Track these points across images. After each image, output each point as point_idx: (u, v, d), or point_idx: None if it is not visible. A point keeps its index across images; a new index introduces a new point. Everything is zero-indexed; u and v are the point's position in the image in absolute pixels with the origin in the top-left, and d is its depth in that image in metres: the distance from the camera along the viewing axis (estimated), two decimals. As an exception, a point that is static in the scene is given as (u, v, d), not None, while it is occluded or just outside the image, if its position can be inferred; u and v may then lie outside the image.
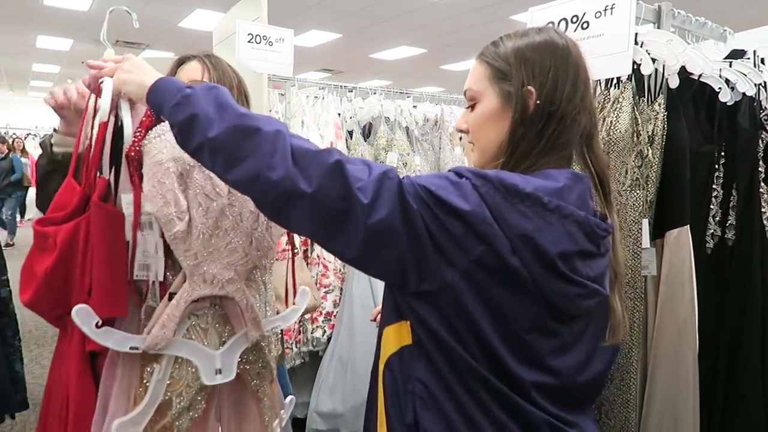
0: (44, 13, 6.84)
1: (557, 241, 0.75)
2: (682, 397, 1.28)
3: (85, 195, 0.93)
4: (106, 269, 0.90)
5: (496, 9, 6.29)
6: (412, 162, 2.43)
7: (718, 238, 1.38)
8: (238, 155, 0.73)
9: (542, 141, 0.82)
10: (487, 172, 0.76)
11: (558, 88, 0.82)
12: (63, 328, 0.98)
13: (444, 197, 0.72)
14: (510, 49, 0.86)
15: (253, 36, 2.19)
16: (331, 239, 0.75)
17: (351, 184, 0.70)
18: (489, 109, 0.86)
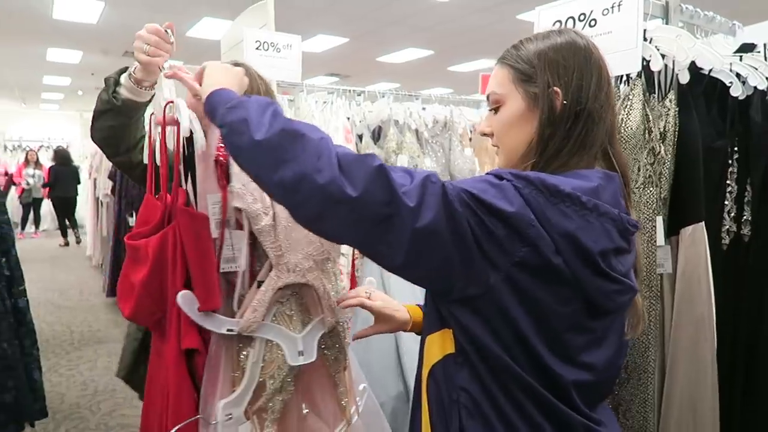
0: (54, 26, 6.94)
1: (597, 240, 0.77)
2: (701, 396, 1.26)
3: (166, 208, 1.03)
4: (198, 268, 0.99)
5: (502, 8, 6.28)
6: (422, 164, 2.43)
7: (734, 234, 1.37)
8: (285, 157, 0.73)
9: (571, 141, 0.83)
10: (527, 173, 0.76)
11: (583, 88, 0.83)
12: (161, 330, 1.06)
13: (487, 200, 0.72)
14: (533, 52, 0.86)
15: (261, 43, 2.21)
16: (373, 245, 0.74)
17: (396, 189, 0.70)
18: (514, 112, 0.87)
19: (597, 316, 0.80)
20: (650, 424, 1.27)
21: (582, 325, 0.79)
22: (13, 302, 2.04)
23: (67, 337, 4.15)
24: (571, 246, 0.74)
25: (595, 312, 0.80)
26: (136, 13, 6.45)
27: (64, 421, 2.83)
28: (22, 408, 1.99)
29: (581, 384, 0.79)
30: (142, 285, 1.00)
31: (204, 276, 0.99)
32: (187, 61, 1.38)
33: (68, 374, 3.44)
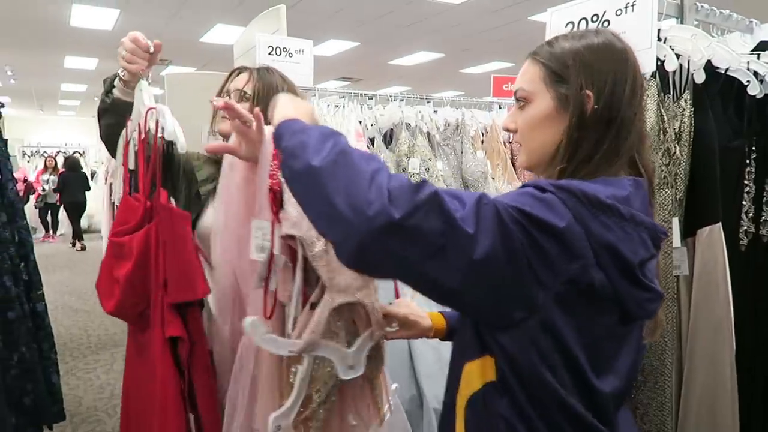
0: (71, 34, 7.06)
1: (636, 250, 0.76)
2: (720, 400, 1.24)
3: (146, 206, 1.08)
4: (178, 260, 1.06)
5: (513, 10, 6.26)
6: (434, 167, 2.43)
7: (752, 235, 1.35)
8: (335, 186, 0.70)
9: (603, 148, 0.80)
10: (569, 184, 0.74)
11: (617, 93, 0.80)
12: (142, 323, 1.12)
13: (539, 215, 0.70)
14: (567, 51, 0.83)
15: (273, 48, 2.22)
16: (422, 276, 0.70)
17: (453, 216, 0.67)
18: (542, 111, 0.85)
19: (627, 323, 0.79)
20: (668, 428, 1.25)
21: (614, 333, 0.79)
22: (32, 306, 2.07)
23: (84, 340, 4.20)
24: (612, 258, 0.73)
25: (627, 320, 0.79)
26: (151, 20, 6.53)
27: (81, 424, 2.86)
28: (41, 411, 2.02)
29: (615, 393, 0.78)
30: (126, 279, 1.06)
31: (184, 267, 1.06)
32: (202, 66, 1.41)
33: (85, 377, 3.48)
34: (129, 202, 1.12)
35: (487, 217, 0.68)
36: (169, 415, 1.04)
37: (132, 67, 1.17)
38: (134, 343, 1.15)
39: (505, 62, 8.95)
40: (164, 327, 1.05)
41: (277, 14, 2.33)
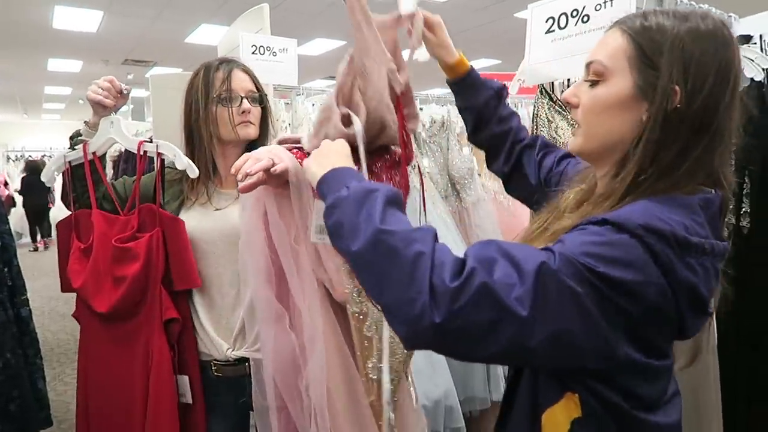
0: (54, 36, 6.98)
1: (710, 286, 0.70)
2: (703, 392, 1.26)
3: (138, 218, 1.31)
4: (179, 259, 1.29)
5: (499, 7, 6.28)
6: (420, 164, 2.43)
7: (733, 227, 1.36)
8: (377, 280, 0.67)
9: (689, 159, 0.70)
10: (659, 225, 0.65)
11: (715, 95, 0.69)
12: (130, 314, 1.31)
13: (613, 276, 0.62)
14: (666, 32, 0.71)
15: (257, 47, 2.21)
16: (482, 358, 0.67)
17: (504, 304, 0.61)
18: (617, 94, 0.73)
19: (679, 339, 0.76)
20: None
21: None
22: (16, 312, 2.04)
23: (71, 345, 4.16)
24: (690, 299, 0.68)
25: (683, 338, 0.75)
26: (135, 21, 6.48)
27: (69, 430, 2.84)
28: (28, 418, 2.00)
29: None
30: (134, 277, 1.26)
31: (185, 262, 1.29)
32: (187, 67, 1.40)
33: (73, 383, 3.44)
34: (106, 216, 1.34)
35: (550, 293, 0.61)
36: (162, 379, 1.28)
37: (107, 102, 1.34)
38: (104, 336, 1.35)
39: (492, 59, 8.98)
40: (162, 312, 1.28)
41: (261, 13, 2.32)
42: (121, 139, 1.36)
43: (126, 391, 1.32)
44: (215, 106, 1.30)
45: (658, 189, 0.71)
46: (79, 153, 1.37)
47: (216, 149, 1.34)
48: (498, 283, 0.61)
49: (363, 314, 1.01)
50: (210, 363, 1.34)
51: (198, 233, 1.33)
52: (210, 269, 1.33)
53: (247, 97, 1.32)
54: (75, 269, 1.34)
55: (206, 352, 1.35)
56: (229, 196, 1.35)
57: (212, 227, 1.33)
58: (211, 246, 1.33)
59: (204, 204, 1.35)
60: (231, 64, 1.34)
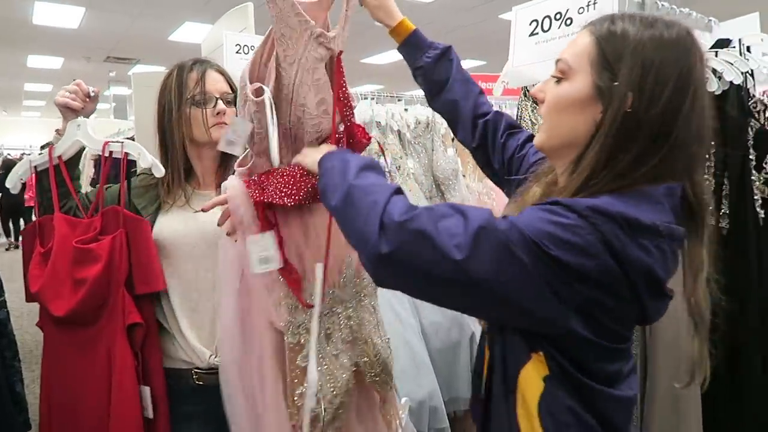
0: (34, 32, 6.86)
1: (668, 268, 0.72)
2: (683, 390, 1.27)
3: (102, 222, 1.28)
4: (143, 260, 1.25)
5: (484, 9, 6.32)
6: (405, 165, 2.43)
7: (712, 228, 1.38)
8: (348, 226, 0.78)
9: (645, 167, 0.71)
10: (607, 206, 0.67)
11: (672, 108, 0.70)
12: (91, 318, 1.27)
13: (560, 257, 0.66)
14: (630, 37, 0.72)
15: (241, 47, 2.19)
16: (434, 299, 0.74)
17: (441, 248, 0.67)
18: (577, 94, 0.75)
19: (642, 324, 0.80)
20: (634, 419, 1.28)
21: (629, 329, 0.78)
22: (-7, 313, 2.00)
23: (52, 347, 4.09)
24: (646, 280, 0.69)
25: (643, 323, 0.78)
26: (117, 18, 6.40)
27: (49, 432, 2.79)
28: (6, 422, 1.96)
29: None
30: (95, 279, 1.22)
31: (149, 265, 1.26)
32: (170, 65, 1.38)
33: (53, 385, 3.39)
34: (68, 220, 1.31)
35: (486, 248, 0.67)
36: (125, 388, 1.23)
37: (74, 105, 1.32)
38: (66, 342, 1.31)
39: (477, 60, 9.03)
40: (125, 316, 1.24)
41: (245, 12, 2.31)
42: (87, 141, 1.34)
43: (88, 400, 1.28)
44: (189, 108, 1.28)
45: (612, 188, 0.72)
46: (45, 157, 1.35)
47: (191, 151, 1.33)
48: (442, 228, 0.68)
49: (299, 345, 1.05)
50: (191, 371, 1.30)
51: (178, 236, 1.30)
52: (191, 273, 1.31)
53: (221, 98, 1.30)
54: (34, 274, 1.30)
55: (187, 359, 1.30)
56: (208, 197, 1.33)
57: (192, 229, 1.31)
58: (192, 248, 1.30)
59: (182, 206, 1.33)
60: (205, 64, 1.32)
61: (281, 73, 0.98)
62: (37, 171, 1.37)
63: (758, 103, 1.45)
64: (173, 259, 1.31)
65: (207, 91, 1.28)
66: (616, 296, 0.69)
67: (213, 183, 1.37)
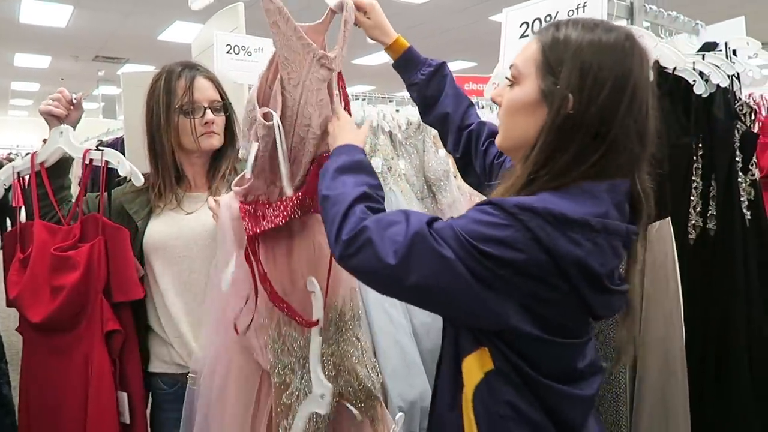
0: (21, 31, 6.79)
1: (605, 262, 0.75)
2: (671, 389, 1.29)
3: (81, 228, 1.28)
4: (120, 267, 1.26)
5: (475, 11, 6.34)
6: (396, 166, 2.43)
7: (700, 229, 1.40)
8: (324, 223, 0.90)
9: (585, 165, 0.75)
10: (533, 203, 0.72)
11: (609, 108, 0.74)
12: (76, 321, 1.27)
13: (490, 252, 0.71)
14: (570, 42, 0.77)
15: (232, 47, 2.18)
16: (386, 294, 0.83)
17: (381, 254, 0.76)
18: (525, 97, 0.80)
19: (595, 319, 0.85)
20: (623, 418, 1.29)
21: (585, 329, 0.83)
22: (-20, 315, 1.98)
23: (39, 349, 4.04)
24: (579, 272, 0.73)
25: (595, 318, 0.84)
26: (106, 16, 6.35)
27: (36, 435, 2.76)
28: (-8, 424, 1.94)
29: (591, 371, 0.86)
30: (73, 287, 1.23)
31: (126, 274, 1.27)
32: (160, 65, 1.38)
33: (41, 387, 3.35)
34: (48, 226, 1.31)
35: (421, 251, 0.74)
36: (103, 393, 1.24)
37: (56, 111, 1.33)
38: (44, 348, 1.31)
39: (469, 62, 9.06)
40: (103, 323, 1.25)
41: (236, 12, 2.30)
42: (68, 148, 1.35)
43: (66, 405, 1.28)
44: (177, 117, 1.28)
45: (554, 185, 0.76)
46: (26, 163, 1.36)
47: (180, 156, 1.33)
48: (387, 236, 0.76)
49: (285, 385, 1.12)
50: (186, 376, 1.27)
51: (171, 238, 1.30)
52: (185, 274, 1.30)
53: (210, 107, 1.29)
54: (13, 280, 1.30)
55: (183, 363, 1.30)
56: (199, 199, 1.33)
57: (185, 231, 1.30)
58: (185, 250, 1.30)
59: (174, 209, 1.33)
60: (193, 70, 1.31)
61: (286, 96, 1.01)
62: (20, 176, 1.38)
63: (744, 106, 1.46)
64: (167, 261, 1.30)
65: (195, 101, 1.27)
66: (551, 287, 0.73)
67: (204, 185, 1.37)
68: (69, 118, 1.37)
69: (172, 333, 1.30)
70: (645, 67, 0.79)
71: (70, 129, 1.35)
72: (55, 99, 1.35)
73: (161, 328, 1.32)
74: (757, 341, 1.39)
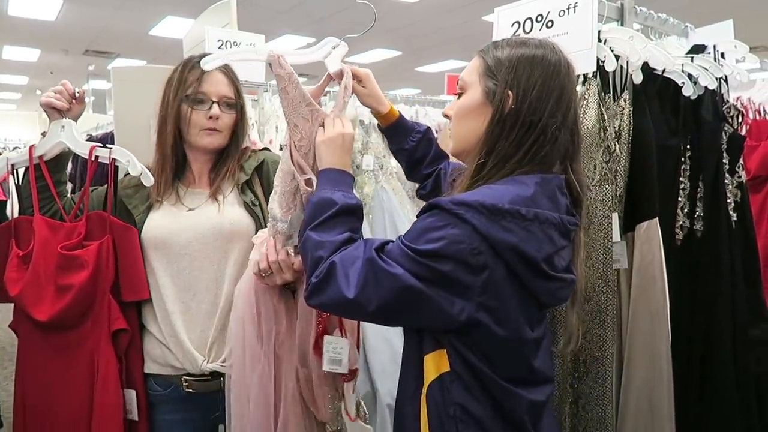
0: (9, 23, 6.71)
1: (540, 247, 0.83)
2: (656, 388, 1.30)
3: (87, 226, 1.27)
4: (130, 267, 1.26)
5: (468, 10, 6.35)
6: (388, 164, 2.43)
7: (687, 230, 1.41)
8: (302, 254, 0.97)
9: (520, 152, 0.86)
10: (466, 198, 0.81)
11: (541, 100, 0.86)
12: (82, 320, 1.27)
13: (432, 248, 0.79)
14: (507, 53, 0.91)
15: (223, 42, 2.18)
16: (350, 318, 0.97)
17: (341, 289, 0.83)
18: (471, 102, 0.92)
19: (542, 309, 0.91)
20: (609, 417, 1.30)
21: (534, 317, 0.89)
22: (-35, 310, 1.96)
23: (25, 345, 4.02)
24: (516, 257, 0.81)
25: (542, 307, 0.89)
26: (97, 11, 6.29)
27: None
28: (-24, 420, 1.92)
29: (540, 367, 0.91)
30: (82, 286, 1.22)
31: (135, 273, 1.26)
32: (152, 60, 1.37)
33: (27, 383, 3.33)
34: (49, 223, 1.29)
35: (373, 277, 0.81)
36: (109, 391, 1.24)
37: (58, 104, 1.31)
38: (45, 346, 1.30)
39: (461, 61, 9.07)
40: (111, 322, 1.25)
41: (227, 7, 2.29)
42: (72, 144, 1.32)
43: (67, 402, 1.27)
44: (183, 106, 1.25)
45: (498, 176, 0.87)
46: (23, 156, 1.32)
47: (187, 151, 1.31)
48: (348, 273, 0.83)
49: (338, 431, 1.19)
50: (181, 378, 1.27)
51: (171, 234, 1.26)
52: (185, 271, 1.27)
53: (219, 102, 1.26)
54: (12, 277, 1.27)
55: (178, 365, 1.27)
56: (202, 195, 1.30)
57: (186, 228, 1.27)
58: (185, 248, 1.26)
59: (175, 204, 1.29)
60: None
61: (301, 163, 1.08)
62: (15, 170, 1.35)
63: (731, 109, 1.48)
64: (166, 257, 1.27)
65: (204, 92, 1.25)
66: (493, 274, 0.80)
67: (207, 182, 1.34)
68: (71, 111, 1.34)
69: (168, 333, 1.27)
70: (571, 72, 0.92)
71: (73, 124, 1.33)
72: (57, 92, 1.33)
73: (157, 328, 1.28)
74: (742, 342, 1.40)
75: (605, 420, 1.30)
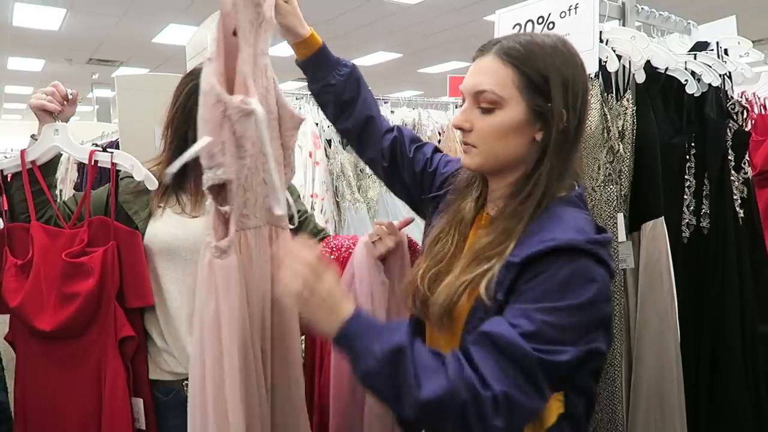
0: (14, 34, 6.76)
1: None
2: (667, 387, 1.29)
3: (89, 233, 1.24)
4: (134, 274, 1.24)
5: (470, 10, 6.34)
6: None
7: (694, 227, 1.41)
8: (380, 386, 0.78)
9: (564, 164, 0.84)
10: (595, 236, 0.79)
11: (584, 113, 0.85)
12: (88, 328, 1.24)
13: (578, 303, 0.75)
14: (548, 63, 0.81)
15: (226, 49, 2.18)
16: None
17: (532, 406, 0.74)
18: (513, 121, 0.82)
19: None
20: (619, 417, 1.29)
21: None
22: (-25, 321, 1.97)
23: (35, 353, 4.02)
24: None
25: None
26: (100, 20, 6.33)
27: (33, 440, 2.74)
28: (-12, 430, 1.93)
29: None
30: (88, 294, 1.20)
31: (140, 279, 1.24)
32: (155, 68, 1.37)
33: (37, 392, 3.33)
34: (47, 230, 1.26)
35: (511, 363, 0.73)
36: (117, 400, 1.22)
37: (50, 107, 1.26)
38: (47, 356, 1.27)
39: (463, 62, 9.06)
40: (117, 329, 1.23)
41: (230, 15, 2.29)
42: (68, 148, 1.27)
43: (72, 412, 1.24)
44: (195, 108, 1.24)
45: (552, 194, 0.83)
46: (14, 161, 1.27)
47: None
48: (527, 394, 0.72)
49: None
50: (182, 383, 1.27)
51: (177, 240, 1.26)
52: (191, 278, 1.24)
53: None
54: (11, 287, 1.22)
55: (180, 371, 1.27)
56: (205, 203, 1.29)
57: (191, 234, 1.26)
58: (190, 254, 1.25)
59: (179, 213, 1.29)
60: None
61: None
62: (4, 176, 1.29)
63: (736, 105, 1.47)
64: (172, 263, 1.27)
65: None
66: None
67: None
68: (62, 114, 1.29)
69: (172, 340, 1.27)
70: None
71: (68, 127, 1.28)
72: (48, 93, 1.26)
73: (160, 335, 1.28)
74: (751, 338, 1.40)
75: (615, 420, 1.29)
